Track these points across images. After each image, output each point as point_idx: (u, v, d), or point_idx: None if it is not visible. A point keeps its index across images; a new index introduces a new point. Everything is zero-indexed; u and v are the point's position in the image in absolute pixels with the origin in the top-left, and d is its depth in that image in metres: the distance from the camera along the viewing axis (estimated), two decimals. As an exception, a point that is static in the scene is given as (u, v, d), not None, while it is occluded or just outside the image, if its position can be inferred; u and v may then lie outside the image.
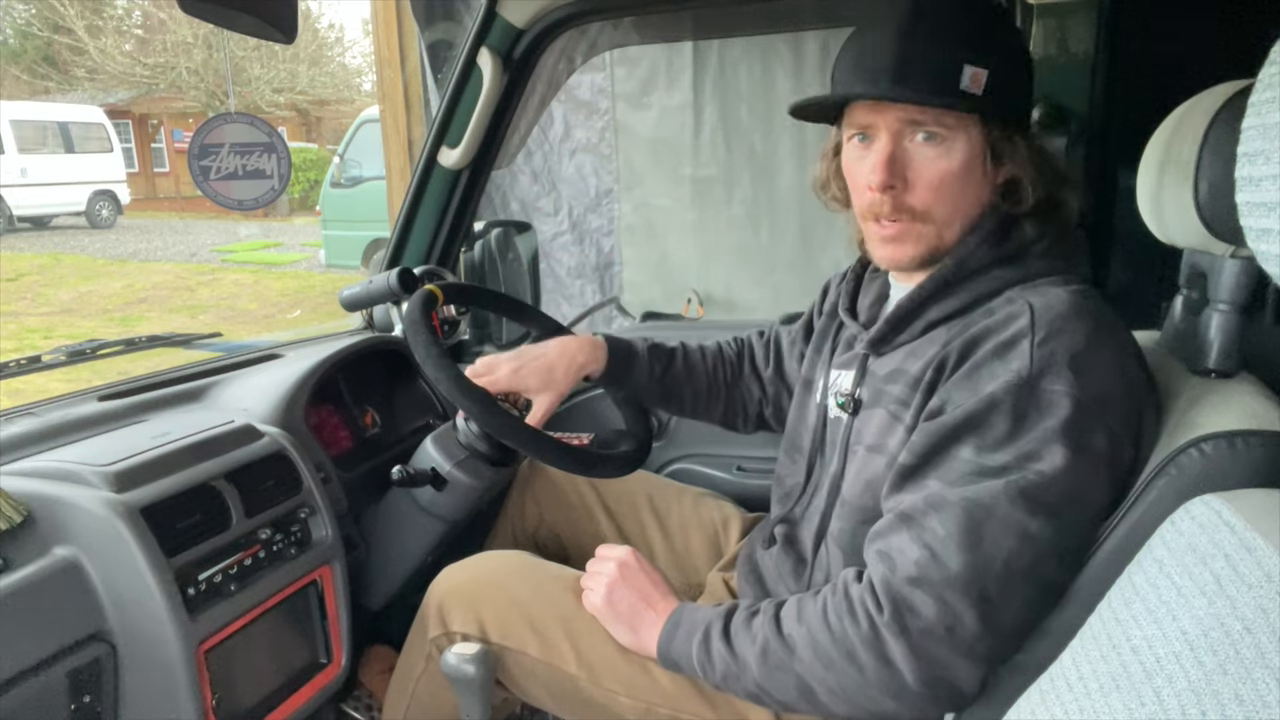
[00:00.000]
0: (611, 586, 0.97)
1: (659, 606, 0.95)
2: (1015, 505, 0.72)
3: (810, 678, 0.80)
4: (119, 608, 0.89)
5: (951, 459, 0.76)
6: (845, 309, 1.02)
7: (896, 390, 0.87)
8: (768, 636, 0.83)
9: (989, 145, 0.84)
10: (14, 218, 11.37)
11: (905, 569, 0.75)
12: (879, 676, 0.76)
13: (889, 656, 0.75)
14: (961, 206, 0.85)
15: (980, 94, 0.80)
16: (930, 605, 0.73)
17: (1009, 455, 0.73)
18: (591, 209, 3.87)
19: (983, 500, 0.73)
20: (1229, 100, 0.70)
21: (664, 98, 3.62)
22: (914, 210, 0.85)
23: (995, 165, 0.85)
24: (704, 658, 0.88)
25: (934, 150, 0.83)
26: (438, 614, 1.07)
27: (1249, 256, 0.76)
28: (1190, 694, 0.44)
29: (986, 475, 0.74)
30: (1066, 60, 1.69)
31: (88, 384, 1.24)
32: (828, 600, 0.81)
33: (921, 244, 0.87)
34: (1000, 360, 0.76)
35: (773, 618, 0.85)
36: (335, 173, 7.15)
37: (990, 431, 0.74)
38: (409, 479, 1.20)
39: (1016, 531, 0.72)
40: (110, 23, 15.10)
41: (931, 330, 0.87)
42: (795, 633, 0.82)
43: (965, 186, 0.85)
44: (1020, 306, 0.78)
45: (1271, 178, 0.41)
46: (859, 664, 0.77)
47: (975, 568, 0.72)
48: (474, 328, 1.74)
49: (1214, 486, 0.61)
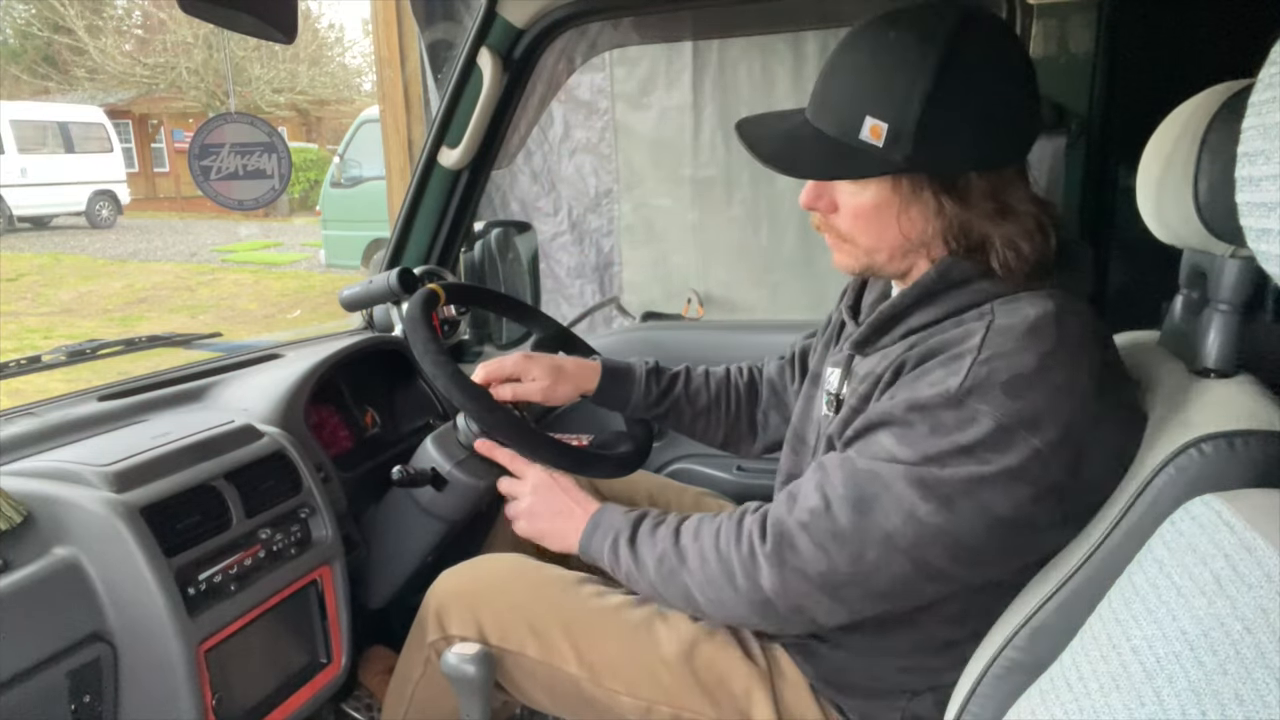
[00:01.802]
0: (532, 509, 1.05)
1: (577, 513, 1.02)
2: (911, 488, 0.77)
3: (694, 587, 0.89)
4: (119, 608, 0.89)
5: (870, 440, 0.81)
6: (848, 307, 1.03)
7: (865, 389, 0.88)
8: (666, 546, 0.92)
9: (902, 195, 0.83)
10: (14, 218, 11.37)
11: (800, 513, 0.82)
12: (750, 596, 0.85)
13: (760, 582, 0.84)
14: (885, 237, 0.86)
15: (880, 146, 0.80)
16: (810, 548, 0.81)
17: (917, 453, 0.77)
18: (591, 209, 3.87)
19: (883, 474, 0.78)
20: (1229, 100, 0.70)
21: (664, 98, 3.62)
22: (838, 231, 0.89)
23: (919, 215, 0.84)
24: (613, 559, 0.96)
25: (850, 186, 0.85)
26: (436, 618, 1.07)
27: (1249, 256, 0.76)
28: (1190, 694, 0.44)
29: (894, 461, 0.78)
30: (1066, 60, 1.70)
31: (88, 384, 1.24)
32: (723, 524, 0.90)
33: (854, 260, 0.90)
34: (942, 370, 0.78)
35: (674, 530, 0.93)
36: (335, 173, 7.16)
37: (909, 430, 0.78)
38: (409, 479, 1.20)
39: (905, 509, 0.77)
40: (110, 23, 15.10)
41: (909, 337, 0.87)
42: (690, 547, 0.91)
43: (882, 223, 0.85)
44: (981, 324, 0.79)
45: (1271, 178, 0.41)
46: (735, 584, 0.85)
47: (859, 529, 0.79)
48: (474, 328, 1.74)
49: (1214, 486, 0.61)
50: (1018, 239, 0.81)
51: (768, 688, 0.97)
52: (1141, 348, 0.94)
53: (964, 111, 0.79)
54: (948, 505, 0.75)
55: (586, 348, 1.36)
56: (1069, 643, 0.60)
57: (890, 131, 0.79)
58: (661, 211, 3.75)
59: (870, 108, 0.80)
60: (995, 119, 0.81)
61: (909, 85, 0.78)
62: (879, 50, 0.81)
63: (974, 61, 0.79)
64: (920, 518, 0.76)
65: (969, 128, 0.80)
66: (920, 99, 0.78)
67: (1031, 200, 0.83)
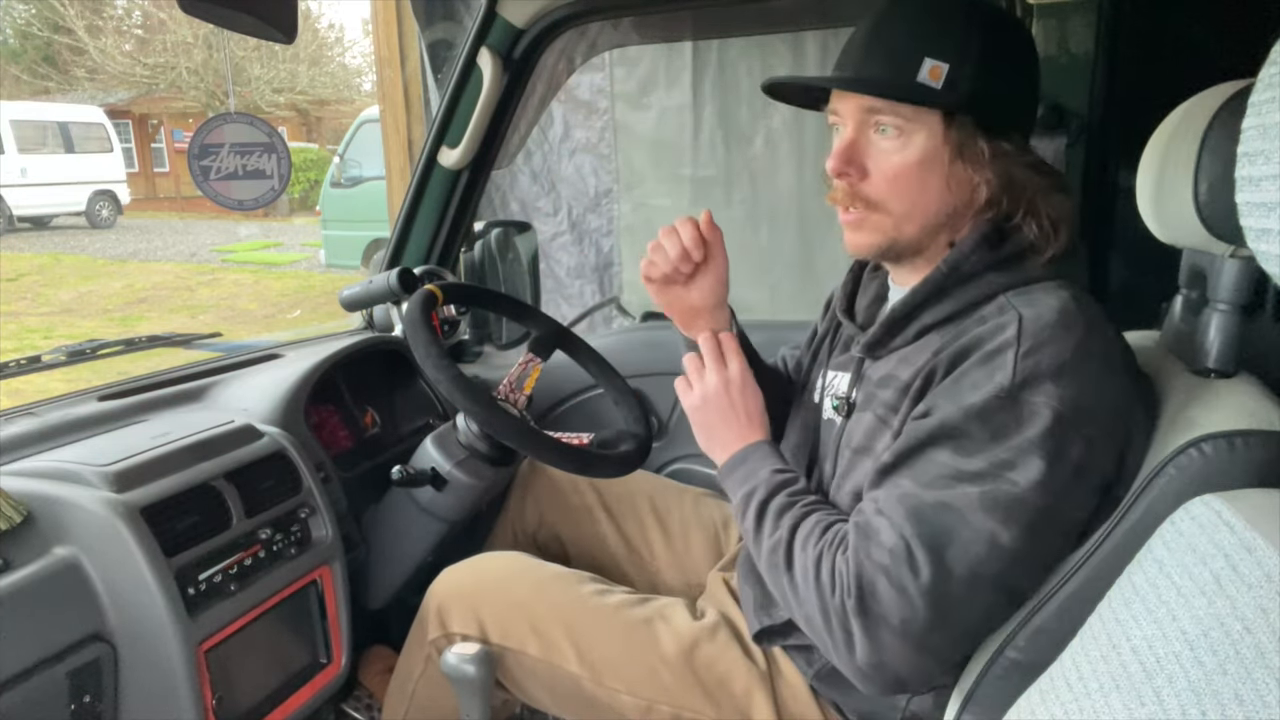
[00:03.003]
0: (712, 393, 0.99)
1: (739, 431, 0.98)
2: (989, 514, 0.73)
3: (794, 600, 0.85)
4: (119, 608, 0.89)
5: (927, 461, 0.77)
6: (843, 309, 1.02)
7: (887, 395, 0.87)
8: (781, 539, 0.87)
9: (952, 144, 0.83)
10: (14, 218, 11.36)
11: (878, 554, 0.77)
12: (837, 643, 0.80)
13: (849, 630, 0.78)
14: (920, 202, 0.85)
15: (939, 88, 0.80)
16: (891, 596, 0.75)
17: (984, 462, 0.74)
18: (591, 209, 3.86)
19: (956, 505, 0.74)
20: (1229, 100, 0.70)
21: (663, 98, 3.61)
22: (869, 200, 0.85)
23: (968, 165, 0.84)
24: (741, 510, 0.93)
25: (891, 143, 0.83)
26: (437, 615, 1.07)
27: (1249, 256, 0.76)
28: (1190, 694, 0.44)
29: (962, 480, 0.74)
30: (1066, 60, 1.70)
31: (88, 384, 1.24)
32: (824, 552, 0.83)
33: (878, 234, 0.87)
34: (984, 370, 0.76)
35: (793, 525, 0.87)
36: (335, 173, 7.16)
37: (968, 439, 0.75)
38: (409, 479, 1.20)
39: (986, 539, 0.73)
40: (110, 23, 15.09)
41: (925, 335, 0.87)
42: (798, 556, 0.85)
43: (923, 182, 0.84)
44: (1010, 316, 0.78)
45: (1271, 178, 0.41)
46: (828, 624, 0.80)
47: (941, 570, 0.73)
48: (474, 328, 1.74)
49: (1214, 486, 0.61)
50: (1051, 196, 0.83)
51: (768, 687, 0.97)
52: (1141, 348, 0.94)
53: (1010, 66, 0.83)
54: (1027, 525, 0.72)
55: (587, 347, 1.36)
56: (1069, 643, 0.60)
57: (950, 72, 0.80)
58: (661, 211, 3.75)
59: (930, 48, 0.80)
60: (1029, 84, 0.85)
61: (969, 29, 0.81)
62: None
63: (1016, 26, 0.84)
64: (1003, 544, 0.72)
65: (1014, 83, 0.84)
66: (979, 43, 0.80)
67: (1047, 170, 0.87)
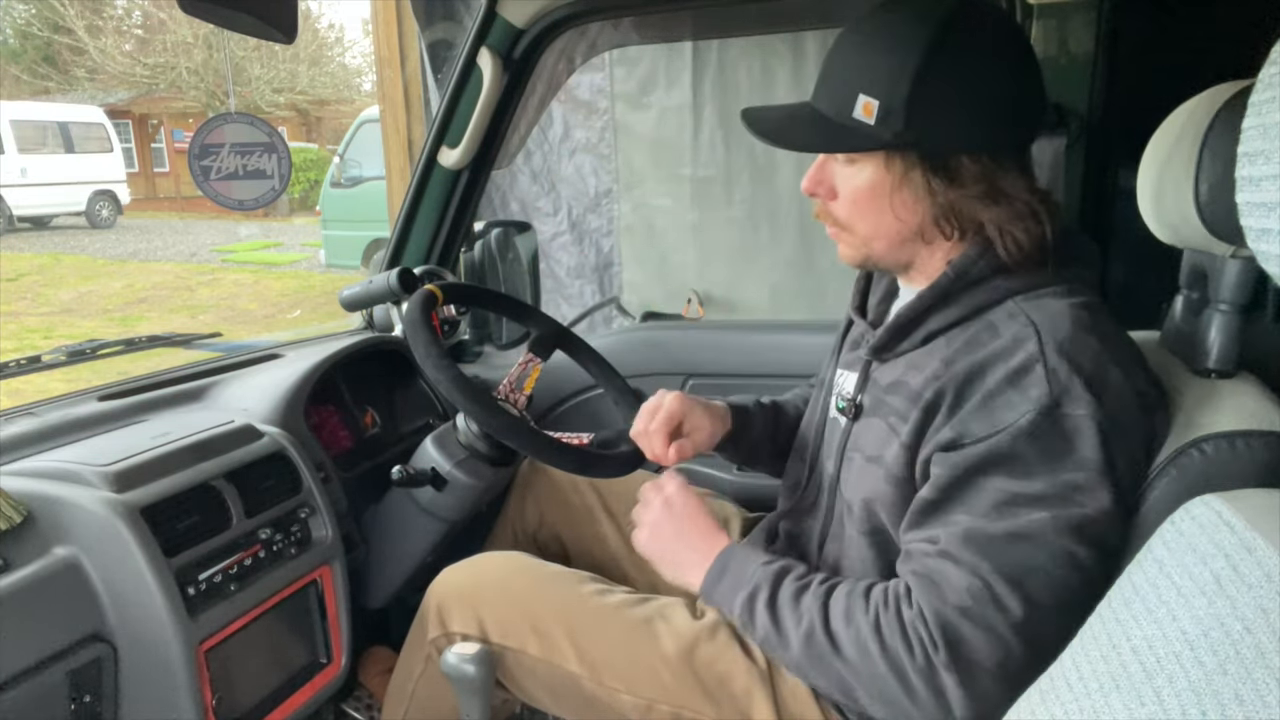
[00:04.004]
0: (656, 524, 0.99)
1: (701, 546, 0.95)
2: (1064, 537, 0.71)
3: (853, 679, 0.81)
4: (119, 608, 0.89)
5: (980, 491, 0.75)
6: (855, 307, 1.02)
7: (896, 402, 0.86)
8: (814, 623, 0.83)
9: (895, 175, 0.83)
10: (14, 218, 11.36)
11: (955, 597, 0.74)
12: (928, 705, 0.76)
13: (941, 688, 0.75)
14: (879, 224, 0.86)
15: (872, 124, 0.81)
16: (981, 639, 0.73)
17: (1045, 485, 0.73)
18: (591, 209, 3.86)
19: (1029, 533, 0.72)
20: (1229, 100, 0.70)
21: (663, 98, 3.61)
22: (837, 219, 0.89)
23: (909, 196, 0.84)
24: (747, 619, 0.88)
25: (847, 170, 0.86)
26: (437, 615, 1.07)
27: (1249, 256, 0.76)
28: (1190, 694, 0.44)
29: (1026, 505, 0.73)
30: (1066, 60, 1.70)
31: (88, 384, 1.24)
32: (880, 615, 0.80)
33: (854, 250, 0.90)
34: (1016, 389, 0.75)
35: (822, 605, 0.84)
36: (335, 173, 7.16)
37: (1020, 462, 0.74)
38: (409, 479, 1.20)
39: (1067, 563, 0.71)
40: (110, 23, 15.09)
41: (931, 340, 0.86)
42: (843, 633, 0.81)
43: (876, 207, 0.85)
44: (1024, 326, 0.78)
45: (1271, 178, 0.41)
46: (910, 688, 0.77)
47: (1028, 602, 0.72)
48: (474, 328, 1.74)
49: (1214, 487, 0.61)
50: (1010, 224, 0.81)
51: (768, 687, 0.96)
52: (1142, 348, 0.94)
53: (954, 92, 0.80)
54: (1099, 543, 0.72)
55: (587, 347, 1.36)
56: (1069, 643, 0.60)
57: (881, 108, 0.80)
58: (661, 211, 3.75)
59: (863, 85, 0.81)
60: (987, 103, 0.81)
61: (900, 63, 0.79)
62: (875, 31, 0.83)
63: (968, 45, 0.80)
64: (1084, 564, 0.71)
65: (959, 109, 0.81)
66: (910, 76, 0.79)
67: (1029, 190, 0.83)
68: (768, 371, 1.60)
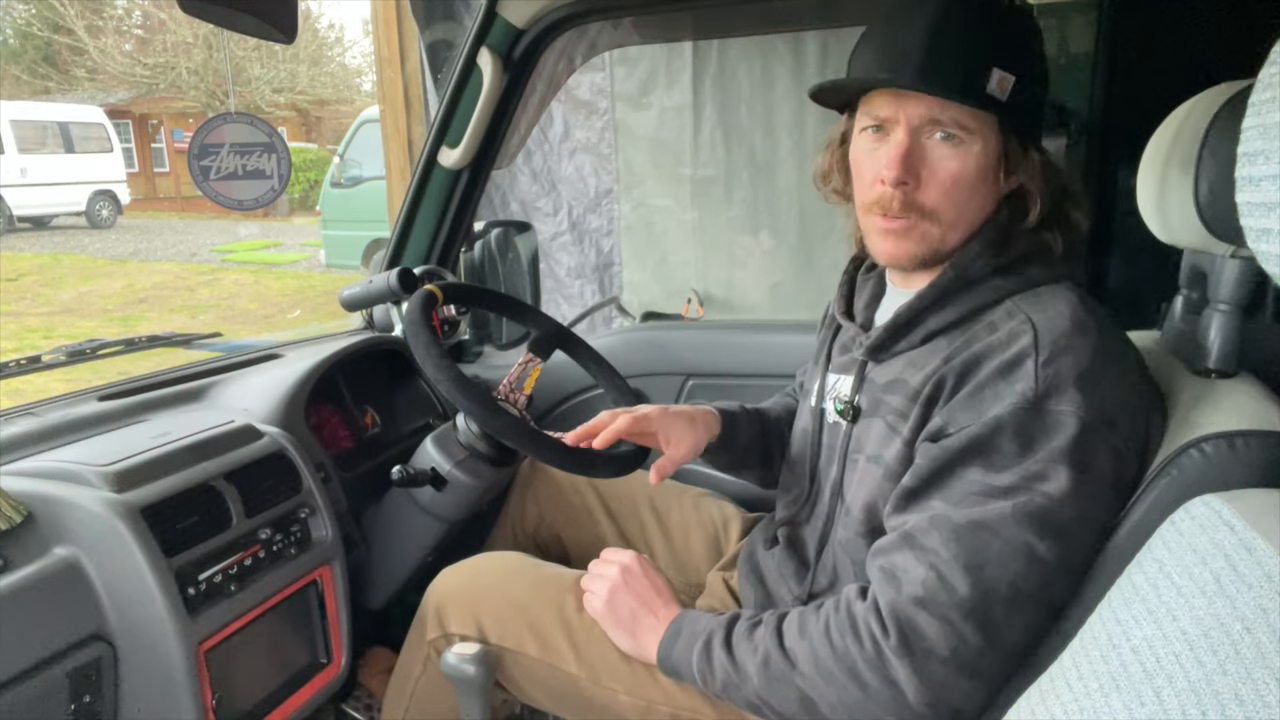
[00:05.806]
0: (613, 590, 0.98)
1: (660, 613, 0.95)
2: (1022, 527, 0.72)
3: (812, 692, 0.81)
4: (119, 608, 0.89)
5: (956, 480, 0.76)
6: (842, 311, 1.02)
7: (895, 401, 0.86)
8: (769, 648, 0.84)
9: (1004, 153, 0.83)
10: (14, 218, 11.36)
11: (911, 589, 0.75)
12: (882, 695, 0.76)
13: (893, 678, 0.76)
14: (968, 211, 0.85)
15: (1004, 99, 0.80)
16: (935, 627, 0.74)
17: (1015, 476, 0.73)
18: (591, 209, 3.86)
19: (989, 522, 0.73)
20: (1229, 100, 0.70)
21: (664, 98, 3.61)
22: (923, 208, 0.84)
23: (1006, 174, 0.85)
24: (704, 666, 0.88)
25: (950, 150, 0.82)
26: (436, 616, 1.07)
27: (1249, 257, 0.76)
28: (1190, 694, 0.44)
29: (993, 496, 0.74)
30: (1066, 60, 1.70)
31: (88, 384, 1.24)
32: (830, 617, 0.81)
33: (924, 243, 0.86)
34: (1005, 381, 0.75)
35: (775, 629, 0.85)
36: (335, 173, 7.16)
37: (997, 454, 0.74)
38: (409, 479, 1.20)
39: (1024, 554, 0.72)
40: (110, 23, 15.08)
41: (931, 340, 0.86)
42: (797, 647, 0.82)
43: (975, 191, 0.84)
44: (1022, 323, 0.78)
45: (1271, 178, 0.41)
46: (862, 682, 0.77)
47: (981, 589, 0.73)
48: (474, 328, 1.74)
49: (1214, 487, 0.61)
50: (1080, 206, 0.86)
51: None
52: (1142, 348, 0.94)
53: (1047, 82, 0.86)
54: (1062, 535, 0.72)
55: (587, 347, 1.36)
56: (1069, 643, 0.60)
57: (1017, 83, 0.80)
58: (661, 211, 3.75)
59: (999, 58, 0.80)
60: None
61: (1031, 38, 0.83)
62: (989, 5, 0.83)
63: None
64: (1040, 556, 0.71)
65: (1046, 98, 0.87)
66: (1039, 56, 0.84)
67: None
68: (768, 371, 1.60)
